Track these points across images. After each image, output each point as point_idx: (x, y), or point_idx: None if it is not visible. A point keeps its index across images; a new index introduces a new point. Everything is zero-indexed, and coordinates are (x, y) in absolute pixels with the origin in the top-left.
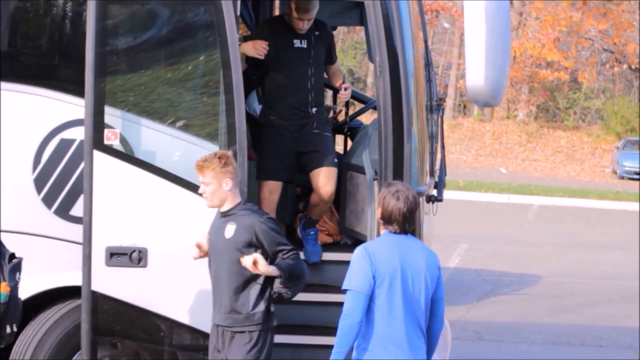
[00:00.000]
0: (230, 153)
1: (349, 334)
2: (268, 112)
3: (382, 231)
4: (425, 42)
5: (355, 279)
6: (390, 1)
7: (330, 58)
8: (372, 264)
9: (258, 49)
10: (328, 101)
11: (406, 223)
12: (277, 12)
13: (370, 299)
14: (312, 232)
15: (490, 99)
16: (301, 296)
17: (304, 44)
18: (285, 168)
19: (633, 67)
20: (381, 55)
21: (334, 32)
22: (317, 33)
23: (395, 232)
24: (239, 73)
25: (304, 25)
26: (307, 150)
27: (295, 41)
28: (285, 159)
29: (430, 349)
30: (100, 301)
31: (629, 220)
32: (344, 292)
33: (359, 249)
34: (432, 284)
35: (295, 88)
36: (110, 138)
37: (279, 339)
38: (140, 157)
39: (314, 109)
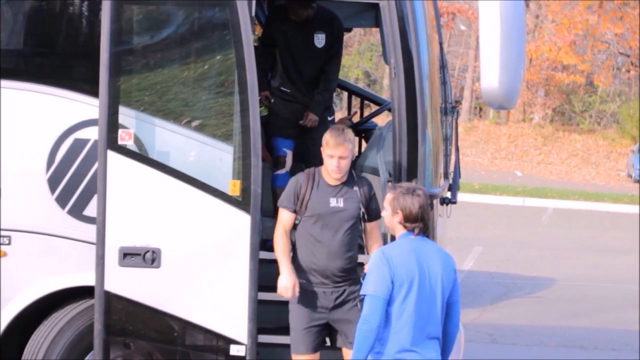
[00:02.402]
0: None
1: (367, 338)
2: (299, 275)
3: (398, 234)
4: (441, 44)
5: (373, 283)
6: (405, 2)
7: (369, 215)
8: (390, 268)
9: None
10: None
11: (428, 219)
12: None
13: (388, 303)
14: None
15: (504, 101)
16: None
17: (340, 203)
18: (315, 339)
19: None
20: (396, 57)
21: (350, 34)
22: (355, 189)
23: (419, 232)
24: (253, 74)
25: (337, 165)
26: (339, 321)
27: (331, 199)
28: (316, 330)
29: (445, 352)
30: (113, 301)
31: None
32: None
33: (376, 254)
34: (448, 287)
35: (328, 254)
36: (125, 138)
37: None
38: (154, 157)
39: (346, 276)
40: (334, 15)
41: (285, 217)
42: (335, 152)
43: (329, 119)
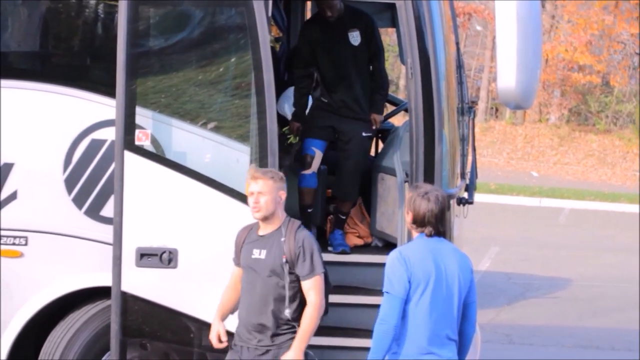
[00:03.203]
0: None
1: (384, 339)
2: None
3: (414, 235)
4: (457, 44)
5: (390, 283)
6: (422, 2)
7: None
8: (407, 268)
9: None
10: None
11: (439, 224)
12: (308, 14)
13: (405, 303)
14: None
15: (521, 101)
16: (332, 298)
17: (262, 255)
18: None
19: None
20: (413, 57)
21: None
22: (282, 240)
23: (429, 235)
24: (270, 74)
25: (256, 201)
26: None
27: (255, 250)
28: None
29: (462, 353)
30: (130, 302)
31: None
32: (374, 294)
33: (394, 254)
34: (465, 287)
35: (248, 307)
36: (141, 139)
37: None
38: (171, 158)
39: (266, 335)
40: (363, 11)
41: (233, 271)
42: (255, 187)
43: (364, 135)
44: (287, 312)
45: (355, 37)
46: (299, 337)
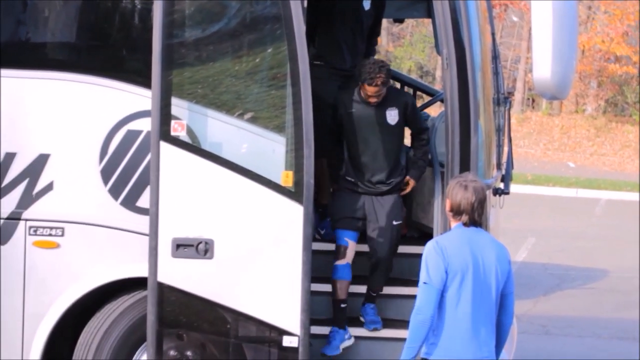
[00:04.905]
0: None
1: (420, 329)
2: None
3: (452, 225)
4: (493, 35)
5: (427, 273)
6: None
7: None
8: (444, 258)
9: None
10: None
11: (475, 213)
12: None
13: (442, 293)
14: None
15: (556, 92)
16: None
17: None
18: None
19: None
20: (448, 48)
21: (402, 26)
22: None
23: (465, 224)
24: (306, 66)
25: None
26: None
27: None
28: None
29: (499, 344)
30: (166, 292)
31: None
32: (410, 284)
33: (430, 244)
34: (503, 278)
35: None
36: (177, 129)
37: None
38: (207, 148)
39: None
40: (402, 90)
41: None
42: None
43: (395, 223)
44: None
45: (392, 116)
46: None
